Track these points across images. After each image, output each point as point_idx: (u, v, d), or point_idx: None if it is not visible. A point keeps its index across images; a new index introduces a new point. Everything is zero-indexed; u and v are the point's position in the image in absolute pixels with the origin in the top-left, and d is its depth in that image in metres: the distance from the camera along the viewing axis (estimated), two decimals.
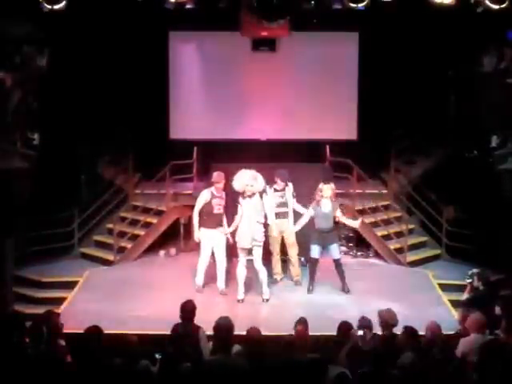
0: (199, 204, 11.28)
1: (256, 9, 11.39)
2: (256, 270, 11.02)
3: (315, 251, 11.35)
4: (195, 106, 14.86)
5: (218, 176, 11.24)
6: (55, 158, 13.00)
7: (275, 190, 11.57)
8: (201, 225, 11.29)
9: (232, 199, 11.31)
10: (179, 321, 8.01)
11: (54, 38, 12.45)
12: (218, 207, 11.22)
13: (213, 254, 11.39)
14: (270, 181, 11.43)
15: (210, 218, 11.22)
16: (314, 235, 11.35)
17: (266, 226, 11.20)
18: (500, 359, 6.45)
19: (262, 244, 11.00)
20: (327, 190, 11.25)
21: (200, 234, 11.30)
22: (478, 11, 11.15)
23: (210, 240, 11.27)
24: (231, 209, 11.35)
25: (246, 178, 10.87)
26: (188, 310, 7.97)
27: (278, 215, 11.58)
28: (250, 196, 10.89)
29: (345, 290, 11.44)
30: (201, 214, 11.30)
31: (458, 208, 13.40)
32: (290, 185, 11.68)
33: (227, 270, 11.45)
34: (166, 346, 7.51)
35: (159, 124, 14.58)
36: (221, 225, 11.26)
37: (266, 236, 11.28)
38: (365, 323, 7.94)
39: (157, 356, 7.08)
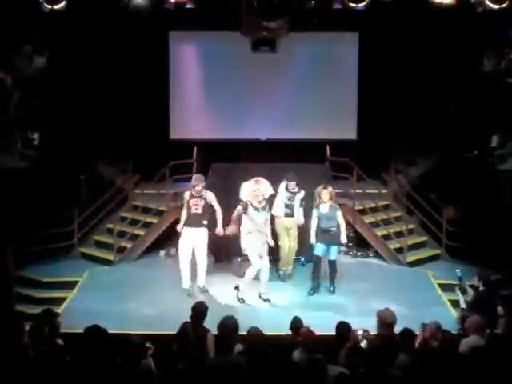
0: (183, 202, 11.47)
1: (256, 8, 11.39)
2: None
3: (319, 249, 11.40)
4: (195, 106, 14.87)
5: (195, 179, 11.35)
6: (55, 158, 12.99)
7: (287, 189, 11.72)
8: (185, 224, 11.34)
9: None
10: (184, 320, 8.00)
11: (54, 38, 12.45)
12: (196, 207, 11.27)
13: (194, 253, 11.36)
14: (272, 183, 11.46)
15: (189, 218, 11.30)
16: (318, 234, 11.39)
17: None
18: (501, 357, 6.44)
19: (252, 250, 11.00)
20: (325, 194, 11.35)
21: (182, 232, 11.35)
22: (478, 11, 11.15)
23: (191, 238, 11.29)
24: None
25: (250, 185, 11.07)
26: (199, 311, 8.00)
27: (284, 214, 11.76)
28: (261, 205, 10.96)
29: (330, 289, 11.50)
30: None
31: (457, 208, 13.40)
32: (303, 192, 11.76)
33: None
34: (172, 344, 7.52)
35: (159, 124, 14.59)
36: (202, 224, 11.29)
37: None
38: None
39: (147, 344, 7.11)
